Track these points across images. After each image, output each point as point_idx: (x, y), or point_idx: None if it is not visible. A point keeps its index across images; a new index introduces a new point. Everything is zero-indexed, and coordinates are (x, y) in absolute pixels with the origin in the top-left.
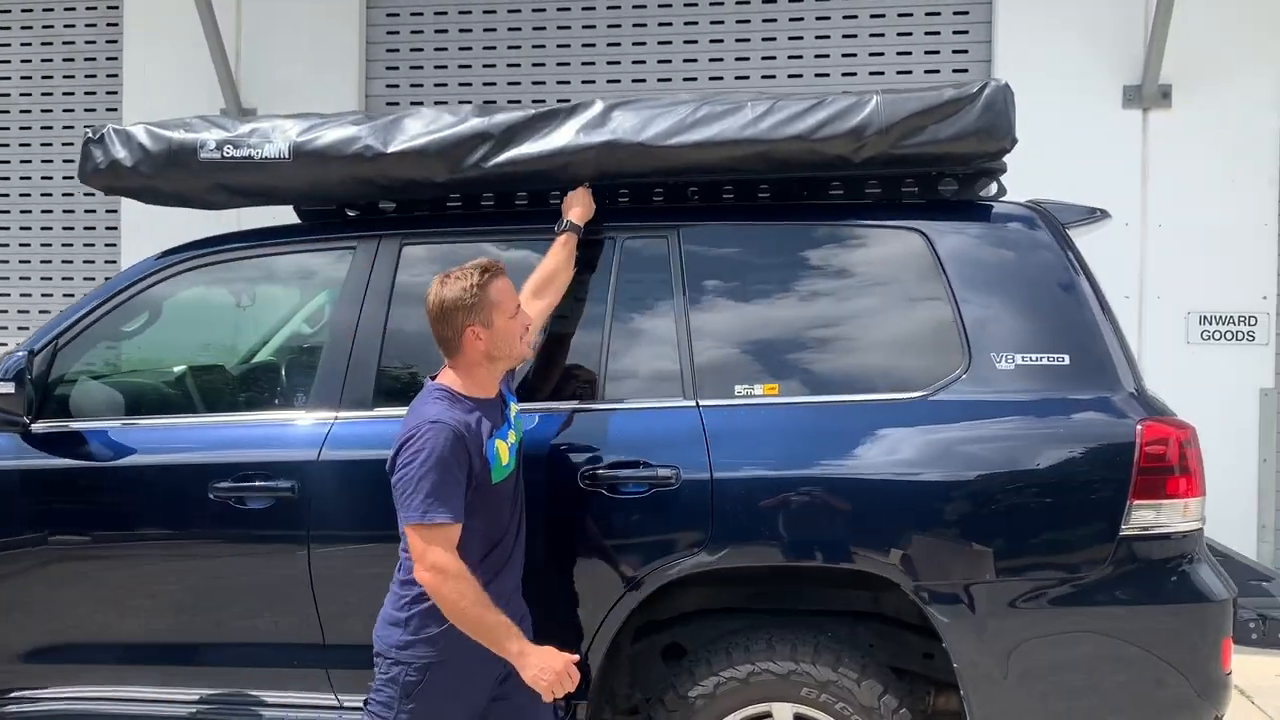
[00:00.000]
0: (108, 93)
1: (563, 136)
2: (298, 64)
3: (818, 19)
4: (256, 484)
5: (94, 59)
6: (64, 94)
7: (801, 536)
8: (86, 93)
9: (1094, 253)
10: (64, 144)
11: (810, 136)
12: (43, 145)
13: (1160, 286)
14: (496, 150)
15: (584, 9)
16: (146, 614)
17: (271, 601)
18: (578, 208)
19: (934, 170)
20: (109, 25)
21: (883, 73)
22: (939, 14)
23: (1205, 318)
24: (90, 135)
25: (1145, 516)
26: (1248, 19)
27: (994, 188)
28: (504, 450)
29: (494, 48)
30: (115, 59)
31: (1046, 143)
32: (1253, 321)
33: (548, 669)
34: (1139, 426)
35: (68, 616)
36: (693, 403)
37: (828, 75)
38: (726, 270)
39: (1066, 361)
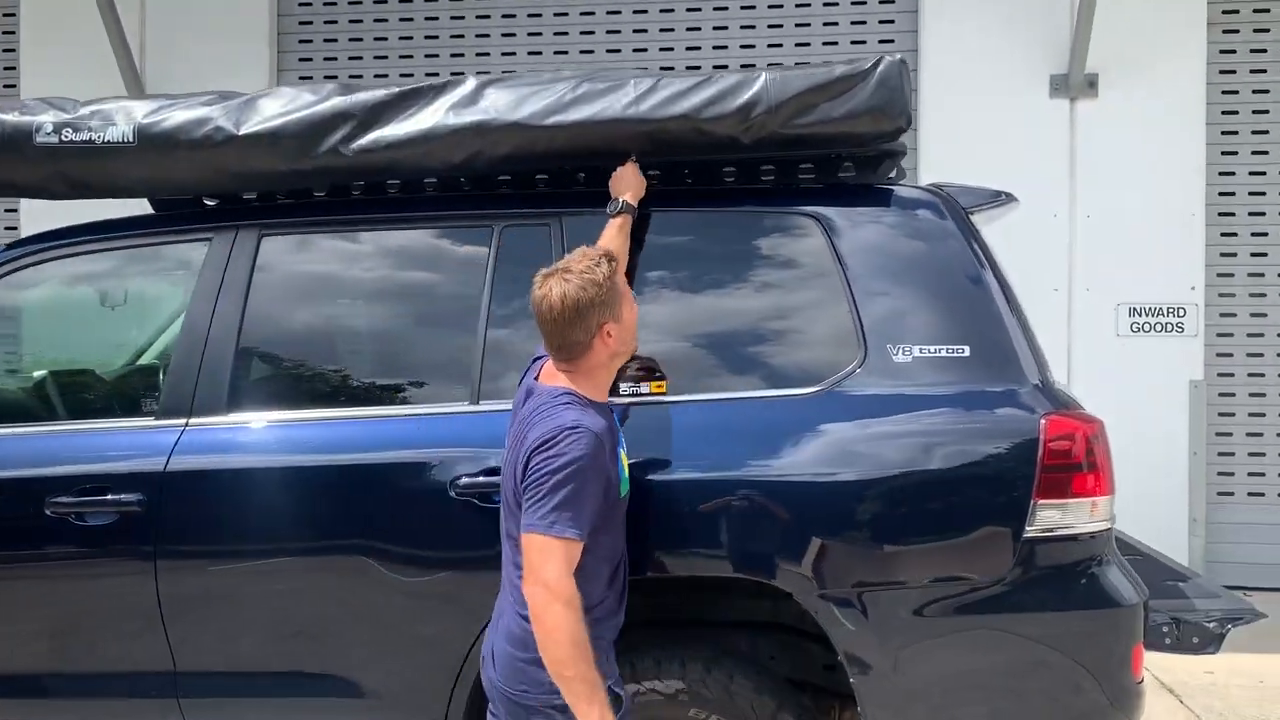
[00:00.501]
0: (5, 85)
1: (431, 117)
2: (206, 44)
3: (743, 8)
4: (98, 498)
5: None
6: None
7: (682, 545)
8: None
9: (1022, 244)
10: None
11: (696, 115)
12: None
13: (1089, 278)
14: (359, 133)
15: None
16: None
17: (118, 627)
18: (630, 187)
19: (830, 152)
20: (5, 15)
21: (808, 62)
22: (865, 2)
23: (1135, 309)
24: None
25: (1050, 517)
26: (1173, 5)
27: (895, 171)
28: (625, 461)
29: (410, 19)
30: (12, 50)
31: (974, 133)
32: (1181, 313)
33: None
34: (1042, 421)
35: None
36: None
37: (752, 67)
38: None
39: (967, 353)
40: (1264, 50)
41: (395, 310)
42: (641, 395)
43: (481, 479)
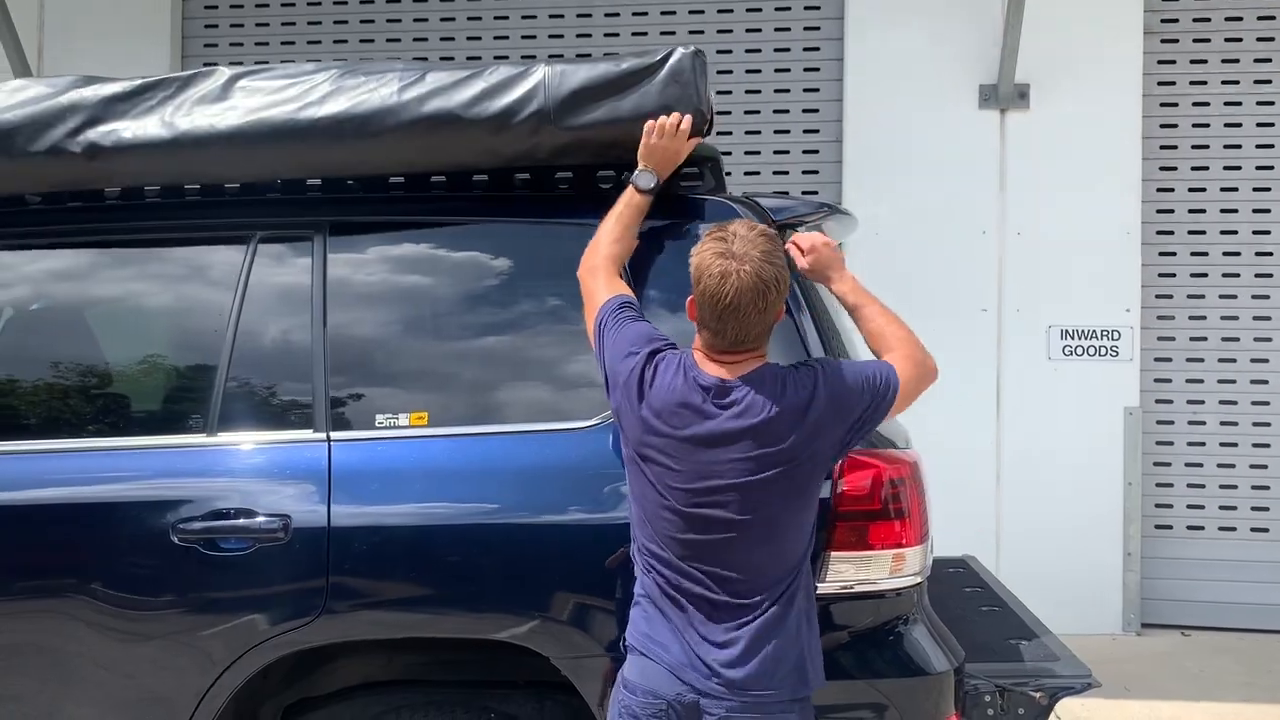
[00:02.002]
0: None
1: (174, 116)
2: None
3: (662, 13)
4: None
5: None
6: None
7: (427, 601)
8: None
9: (948, 261)
10: None
11: (462, 114)
12: None
13: (1019, 299)
14: (86, 129)
15: None
16: None
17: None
18: (660, 159)
19: (615, 157)
20: None
21: (731, 71)
22: (788, 9)
23: (1067, 332)
24: None
25: (844, 571)
26: (1108, 14)
27: (706, 179)
28: None
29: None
30: None
31: (900, 145)
32: (1116, 336)
33: None
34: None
35: None
36: (323, 436)
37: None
38: (380, 277)
39: None
40: (1204, 61)
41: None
42: (399, 428)
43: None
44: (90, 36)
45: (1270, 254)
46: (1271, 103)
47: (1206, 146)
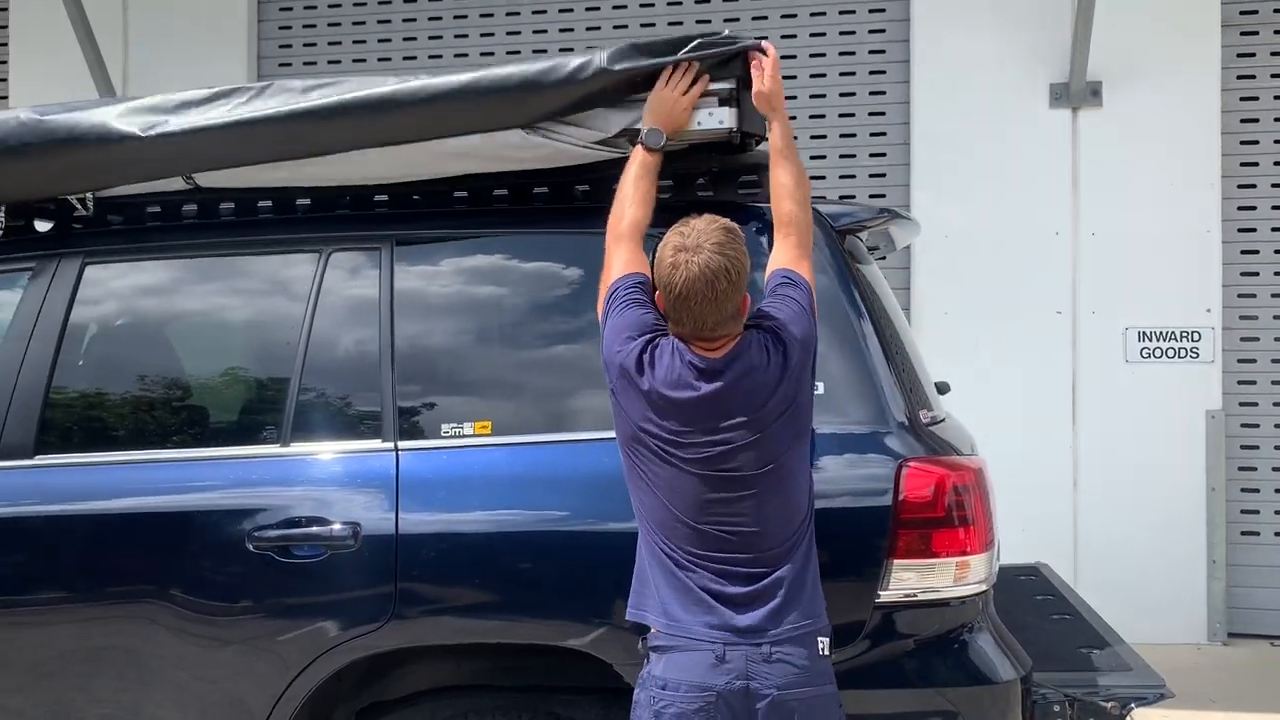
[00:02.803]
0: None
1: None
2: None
3: (725, 20)
4: None
5: None
6: None
7: (493, 607)
8: None
9: (1020, 263)
10: None
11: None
12: None
13: (1095, 300)
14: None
15: None
16: None
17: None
18: (666, 114)
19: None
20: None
21: (795, 76)
22: (853, 11)
23: (1145, 334)
24: None
25: (908, 579)
26: (1184, 7)
27: (764, 186)
28: None
29: (388, 32)
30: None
31: (968, 146)
32: (1196, 338)
33: None
34: (901, 468)
35: None
36: (391, 445)
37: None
38: (445, 289)
39: (820, 390)
40: None
41: (221, 343)
42: (464, 436)
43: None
44: (171, 55)
45: None
46: None
47: None
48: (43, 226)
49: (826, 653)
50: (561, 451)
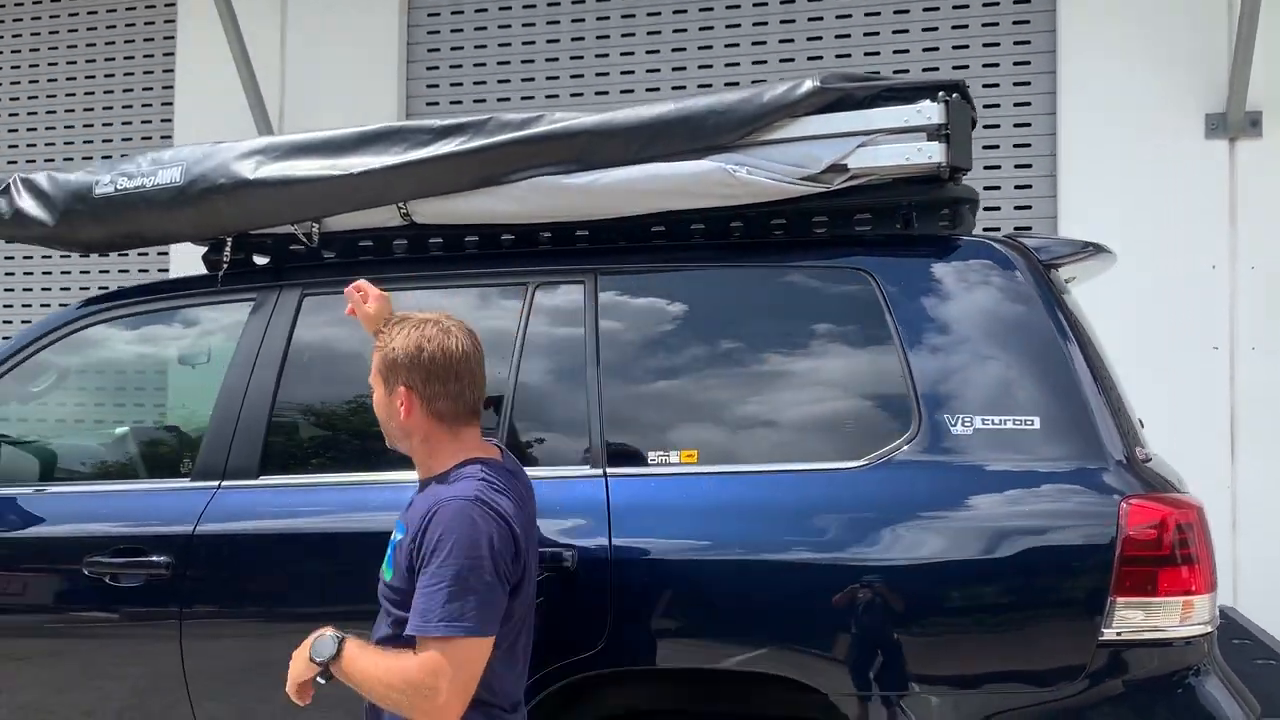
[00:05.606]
0: (161, 136)
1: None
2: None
3: (866, 55)
4: (128, 559)
5: (149, 106)
6: (123, 139)
7: (704, 633)
8: (143, 137)
9: (1174, 298)
10: None
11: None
12: None
13: (1255, 336)
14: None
15: (623, 16)
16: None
17: (142, 691)
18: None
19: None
20: (164, 71)
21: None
22: (998, 44)
23: None
24: None
25: (1132, 618)
26: None
27: (963, 220)
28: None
29: (533, 42)
30: (169, 105)
31: (1119, 178)
32: None
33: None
34: (1123, 505)
35: None
36: (600, 472)
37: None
38: (644, 320)
39: (1036, 425)
40: None
41: None
42: (670, 465)
43: None
44: (325, 92)
45: None
46: None
47: None
48: (261, 261)
49: None
50: (767, 482)
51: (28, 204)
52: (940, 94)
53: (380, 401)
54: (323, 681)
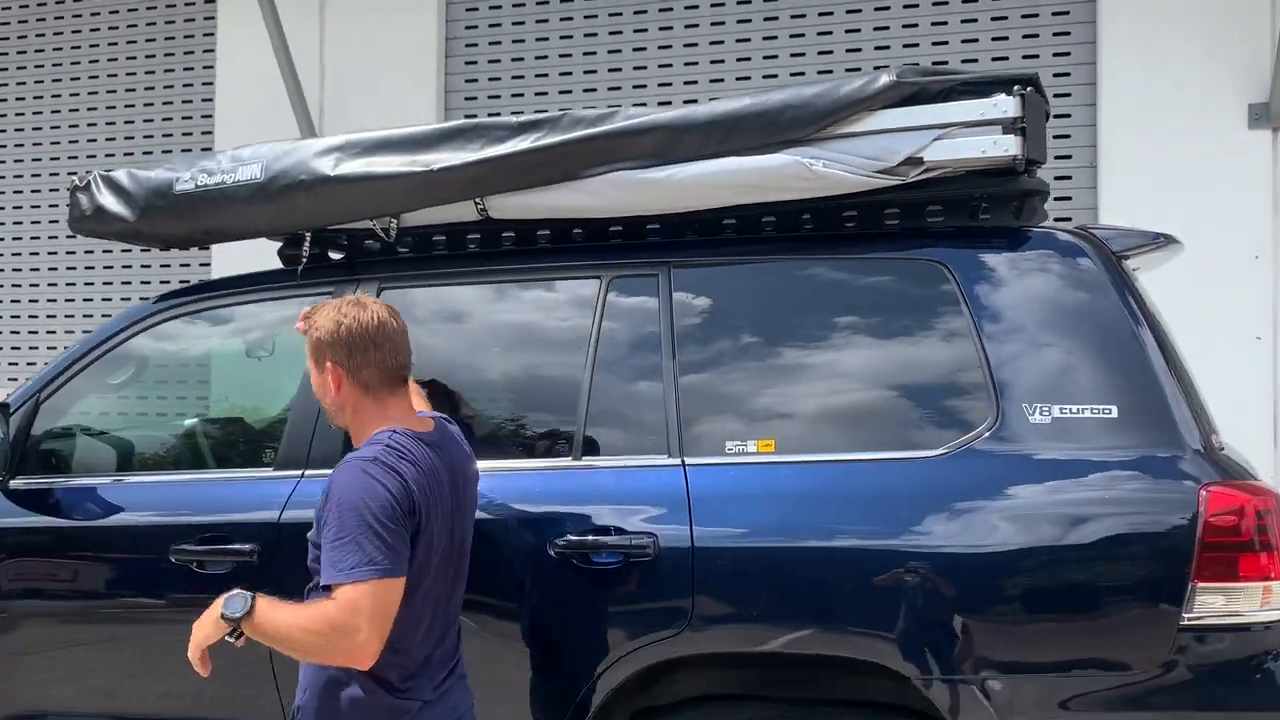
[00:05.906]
0: (202, 133)
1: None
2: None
3: (904, 45)
4: (215, 547)
5: (190, 103)
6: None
7: (785, 618)
8: (183, 133)
9: (1217, 287)
10: None
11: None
12: None
13: None
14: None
15: (660, 10)
16: (111, 687)
17: (229, 676)
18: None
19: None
20: (205, 68)
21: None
22: (1036, 35)
23: None
24: (77, 183)
25: (1212, 602)
26: None
27: (1035, 211)
28: None
29: (570, 37)
30: (209, 101)
31: (1160, 167)
32: None
33: None
34: (1202, 492)
35: (32, 685)
36: (677, 461)
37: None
38: (719, 312)
39: (1114, 414)
40: None
41: (510, 363)
42: (748, 454)
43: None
44: (363, 91)
45: None
46: None
47: None
48: (336, 256)
49: None
50: (844, 471)
51: (108, 200)
52: (1015, 87)
53: (316, 383)
54: (233, 641)
